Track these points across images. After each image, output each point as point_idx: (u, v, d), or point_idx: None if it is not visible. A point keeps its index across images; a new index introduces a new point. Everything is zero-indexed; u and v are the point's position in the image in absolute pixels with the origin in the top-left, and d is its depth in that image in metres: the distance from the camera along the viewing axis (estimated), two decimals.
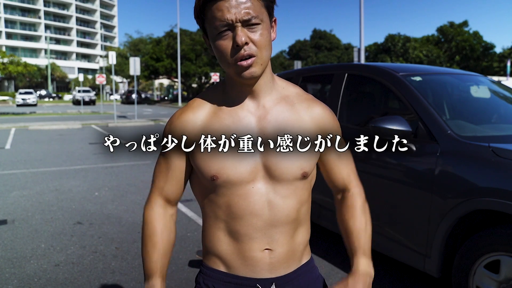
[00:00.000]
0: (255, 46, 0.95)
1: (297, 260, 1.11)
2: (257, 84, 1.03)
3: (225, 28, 0.94)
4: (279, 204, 1.03)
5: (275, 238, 1.04)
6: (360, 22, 15.82)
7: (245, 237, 1.03)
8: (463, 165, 2.43)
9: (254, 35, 0.95)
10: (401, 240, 2.79)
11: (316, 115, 1.08)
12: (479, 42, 48.05)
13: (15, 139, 12.22)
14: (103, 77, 21.52)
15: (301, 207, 1.08)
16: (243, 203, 1.02)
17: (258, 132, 1.03)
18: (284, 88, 1.10)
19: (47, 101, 51.54)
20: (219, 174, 1.00)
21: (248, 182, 1.02)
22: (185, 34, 43.38)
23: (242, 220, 1.03)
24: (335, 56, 49.85)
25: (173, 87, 55.67)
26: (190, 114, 1.06)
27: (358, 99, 3.69)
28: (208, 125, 1.04)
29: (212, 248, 1.10)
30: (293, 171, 1.03)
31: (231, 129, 1.02)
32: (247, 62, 0.95)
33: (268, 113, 1.04)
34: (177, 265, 3.47)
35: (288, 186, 1.03)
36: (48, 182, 6.52)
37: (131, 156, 9.14)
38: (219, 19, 0.93)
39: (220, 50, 0.97)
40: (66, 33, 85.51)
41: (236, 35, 0.93)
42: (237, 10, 0.93)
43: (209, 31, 0.99)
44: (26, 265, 3.46)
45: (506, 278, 2.22)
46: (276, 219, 1.03)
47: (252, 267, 1.05)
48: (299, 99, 1.09)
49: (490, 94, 3.55)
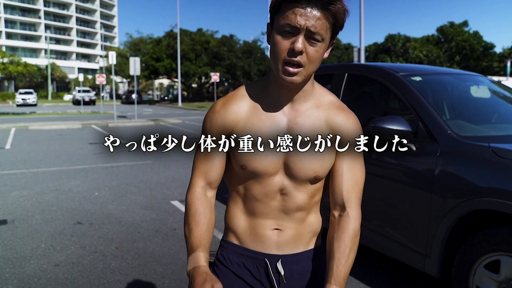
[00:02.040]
0: (307, 58, 1.03)
1: (304, 244, 1.22)
2: (296, 88, 1.12)
3: (290, 29, 1.01)
4: (291, 194, 1.16)
5: (285, 221, 1.18)
6: (360, 22, 15.82)
7: (259, 215, 1.18)
8: (463, 165, 2.43)
9: (311, 48, 1.03)
10: (401, 240, 2.79)
11: (338, 123, 1.16)
12: (479, 42, 48.03)
13: (15, 139, 12.22)
14: (103, 77, 21.51)
15: (311, 200, 1.20)
16: (263, 189, 1.16)
17: (286, 132, 1.13)
18: (320, 95, 1.18)
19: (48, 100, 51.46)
20: (248, 164, 1.14)
21: (270, 174, 1.15)
22: (185, 34, 43.38)
23: (258, 201, 1.17)
24: (335, 56, 49.81)
25: (173, 87, 55.65)
26: (234, 105, 1.16)
27: (358, 99, 3.69)
28: (248, 117, 1.15)
29: (230, 224, 1.24)
30: (307, 173, 1.14)
31: (266, 125, 1.13)
32: (293, 69, 1.04)
33: (298, 116, 1.14)
34: (177, 265, 3.47)
35: (301, 183, 1.16)
36: (48, 182, 6.52)
37: (131, 156, 9.14)
38: (290, 20, 1.01)
39: (277, 46, 1.04)
40: (66, 33, 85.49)
41: (296, 41, 1.01)
42: (308, 20, 1.00)
43: (275, 24, 1.05)
44: (26, 265, 3.46)
45: (506, 278, 2.22)
46: (287, 206, 1.17)
47: (262, 243, 1.19)
48: (330, 106, 1.17)
49: (490, 94, 3.55)
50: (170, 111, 29.37)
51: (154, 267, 3.43)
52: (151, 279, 3.21)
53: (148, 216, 4.80)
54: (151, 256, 3.65)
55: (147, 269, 3.39)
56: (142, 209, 5.07)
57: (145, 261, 3.54)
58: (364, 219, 3.11)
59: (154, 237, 4.12)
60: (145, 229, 4.37)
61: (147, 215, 4.85)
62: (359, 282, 3.13)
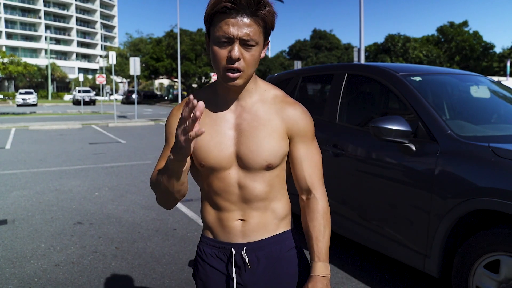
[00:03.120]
0: (244, 63, 1.12)
1: (270, 230, 1.29)
2: (240, 89, 1.22)
3: (225, 39, 1.10)
4: (248, 186, 1.23)
5: (247, 212, 1.26)
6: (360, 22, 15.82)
7: (223, 209, 1.26)
8: (463, 165, 2.43)
9: (247, 53, 1.12)
10: (401, 240, 2.80)
11: (286, 116, 1.24)
12: (479, 42, 48.03)
13: (15, 139, 12.23)
14: (103, 77, 21.52)
15: (271, 189, 1.26)
16: (221, 184, 1.24)
17: (235, 127, 1.22)
18: (265, 91, 1.27)
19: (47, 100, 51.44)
20: (205, 161, 1.22)
21: (226, 169, 1.23)
22: (185, 34, 43.37)
23: (220, 196, 1.26)
24: (335, 56, 49.82)
25: (173, 87, 55.64)
26: None
27: (358, 99, 3.69)
28: (201, 118, 1.23)
29: (204, 219, 1.34)
30: (258, 163, 1.20)
31: (216, 123, 1.22)
32: (233, 75, 1.12)
33: (245, 112, 1.23)
34: (177, 265, 3.47)
35: (256, 173, 1.22)
36: (48, 182, 6.52)
37: (131, 156, 9.14)
38: (224, 31, 1.09)
39: (216, 56, 1.13)
40: (66, 33, 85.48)
41: (232, 49, 1.10)
42: (240, 29, 1.08)
43: (211, 36, 1.14)
44: (26, 265, 3.46)
45: (506, 278, 2.23)
46: (247, 198, 1.24)
47: (228, 234, 1.28)
48: (275, 100, 1.26)
49: (490, 94, 3.55)
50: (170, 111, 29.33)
51: (154, 267, 3.43)
52: (151, 279, 3.21)
53: (148, 216, 4.80)
54: (151, 256, 3.65)
55: (147, 269, 3.39)
56: (142, 209, 5.07)
57: (145, 261, 3.54)
58: (365, 219, 3.13)
59: (154, 237, 4.12)
60: (145, 229, 4.37)
61: (147, 215, 4.85)
62: (359, 282, 3.14)
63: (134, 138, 12.84)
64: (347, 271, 3.32)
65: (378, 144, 3.00)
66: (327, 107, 3.66)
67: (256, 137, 1.20)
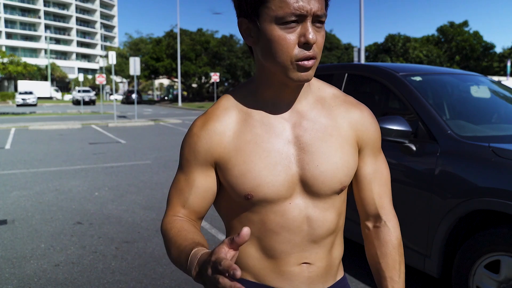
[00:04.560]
0: (317, 47, 0.84)
1: (333, 275, 1.02)
2: (300, 87, 0.92)
3: (293, 18, 0.80)
4: (319, 219, 0.94)
5: (314, 252, 0.96)
6: (360, 22, 15.81)
7: (281, 253, 0.94)
8: (463, 165, 2.43)
9: (319, 35, 0.84)
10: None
11: (354, 121, 0.96)
12: (479, 42, 48.01)
13: (15, 139, 12.22)
14: (103, 77, 21.51)
15: (340, 219, 1.00)
16: (280, 220, 0.92)
17: (294, 141, 0.91)
18: (319, 89, 0.98)
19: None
20: (254, 192, 0.89)
21: (286, 198, 0.92)
22: (185, 34, 43.37)
23: (278, 236, 0.93)
24: (335, 56, 49.79)
25: (173, 87, 55.63)
26: (217, 123, 0.92)
27: (358, 99, 3.69)
28: (238, 135, 0.91)
29: (240, 264, 0.99)
30: (332, 186, 0.92)
31: (264, 139, 0.90)
32: (309, 62, 0.83)
33: (303, 119, 0.93)
34: None
35: (327, 200, 0.94)
36: (48, 182, 6.52)
37: (131, 156, 9.14)
38: (291, 6, 0.79)
39: (280, 43, 0.82)
40: (66, 33, 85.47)
41: (307, 31, 0.81)
42: (313, 1, 0.80)
43: (267, 16, 0.83)
44: (26, 265, 3.45)
45: (506, 278, 2.22)
46: (316, 234, 0.95)
47: (289, 281, 0.96)
48: (336, 101, 0.97)
49: (490, 94, 3.55)
50: (170, 111, 29.36)
51: (154, 267, 3.43)
52: (151, 279, 3.21)
53: (148, 216, 4.80)
54: (151, 256, 3.65)
55: (147, 269, 3.39)
56: (142, 209, 5.07)
57: (145, 261, 3.54)
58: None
59: (154, 237, 4.12)
60: (145, 229, 4.37)
61: (147, 215, 4.85)
62: (359, 282, 3.13)
63: (134, 138, 12.84)
64: (347, 271, 3.31)
65: None
66: None
67: (325, 153, 0.91)
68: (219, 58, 43.99)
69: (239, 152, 0.90)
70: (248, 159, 0.89)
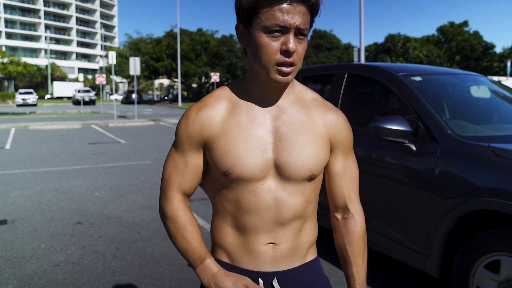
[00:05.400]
0: (297, 56, 0.99)
1: (301, 257, 1.13)
2: (284, 87, 1.08)
3: (278, 29, 0.96)
4: (286, 201, 1.06)
5: (280, 234, 1.08)
6: (360, 22, 15.81)
7: (251, 231, 1.07)
8: (463, 165, 2.43)
9: (299, 46, 0.99)
10: (401, 240, 2.79)
11: (329, 122, 1.11)
12: (479, 42, 48.01)
13: (15, 139, 12.22)
14: (103, 77, 21.51)
15: (308, 205, 1.11)
16: (252, 198, 1.05)
17: (272, 131, 1.06)
18: (302, 92, 1.13)
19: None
20: (232, 170, 1.04)
21: (259, 179, 1.05)
22: (185, 34, 43.37)
23: (249, 214, 1.07)
24: (335, 56, 49.79)
25: (173, 87, 55.64)
26: (209, 109, 1.08)
27: (358, 99, 3.69)
28: (225, 121, 1.06)
29: (219, 241, 1.13)
30: (301, 172, 1.05)
31: (247, 126, 1.05)
32: (288, 69, 0.99)
33: (283, 113, 1.07)
34: (177, 265, 3.47)
35: (296, 185, 1.07)
36: (48, 182, 6.52)
37: (131, 156, 9.14)
38: (278, 18, 0.95)
39: (265, 49, 0.98)
40: (66, 33, 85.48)
41: (288, 41, 0.96)
42: (295, 17, 0.95)
43: (257, 24, 0.98)
44: (26, 265, 3.45)
45: (506, 278, 2.22)
46: (283, 216, 1.07)
47: (255, 260, 1.09)
48: (315, 104, 1.12)
49: (490, 94, 3.55)
50: (170, 111, 29.36)
51: (154, 267, 3.43)
52: (151, 279, 3.21)
53: (148, 216, 4.80)
54: (151, 256, 3.65)
55: (147, 269, 3.39)
56: (142, 209, 5.07)
57: (145, 261, 3.54)
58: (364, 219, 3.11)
59: (154, 237, 4.12)
60: (145, 229, 4.37)
61: (147, 215, 4.85)
62: None
63: (134, 138, 12.84)
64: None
65: (378, 144, 3.00)
66: None
67: (298, 142, 1.05)
68: (219, 58, 44.00)
69: (224, 135, 1.05)
70: (230, 142, 1.04)
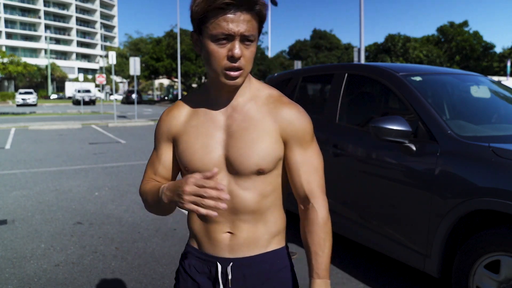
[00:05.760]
0: (244, 60, 1.06)
1: (261, 247, 1.19)
2: (236, 89, 1.15)
3: (224, 37, 1.03)
4: (238, 195, 1.14)
5: (236, 224, 1.16)
6: (360, 22, 15.82)
7: (212, 221, 1.18)
8: (463, 165, 2.43)
9: (246, 51, 1.06)
10: (401, 240, 2.79)
11: (280, 116, 1.14)
12: (479, 42, 48.03)
13: (15, 139, 12.22)
14: (103, 77, 21.52)
15: (263, 199, 1.16)
16: None
17: (225, 129, 1.15)
18: (258, 90, 1.19)
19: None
20: (189, 165, 1.15)
21: None
22: (185, 34, 43.32)
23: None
24: (335, 56, 49.81)
25: (173, 87, 55.65)
26: (176, 111, 1.22)
27: (358, 99, 3.69)
28: (188, 121, 1.19)
29: (190, 229, 1.26)
30: (249, 167, 1.11)
31: (204, 126, 1.16)
32: (235, 73, 1.06)
33: (236, 112, 1.15)
34: (177, 265, 3.47)
35: (246, 180, 1.13)
36: (48, 182, 6.52)
37: (131, 156, 9.14)
38: (223, 28, 1.02)
39: (213, 55, 1.06)
40: (66, 33, 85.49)
41: (234, 47, 1.03)
42: (239, 26, 1.02)
43: (206, 33, 1.06)
44: (26, 265, 3.45)
45: (506, 278, 2.22)
46: (236, 208, 1.14)
47: (214, 247, 1.19)
48: (269, 100, 1.17)
49: (490, 94, 3.55)
50: None
51: (154, 267, 3.43)
52: (151, 279, 3.21)
53: (148, 216, 4.80)
54: (151, 256, 3.65)
55: (147, 269, 3.39)
56: (142, 209, 5.07)
57: (145, 261, 3.54)
58: (364, 219, 3.12)
59: (154, 237, 4.12)
60: (145, 229, 4.37)
61: (147, 215, 4.85)
62: (359, 282, 3.13)
63: (134, 138, 12.84)
64: (347, 272, 3.31)
65: (378, 144, 3.00)
66: (327, 107, 3.66)
67: (246, 139, 1.11)
68: None
69: (185, 133, 1.18)
70: (189, 139, 1.16)
